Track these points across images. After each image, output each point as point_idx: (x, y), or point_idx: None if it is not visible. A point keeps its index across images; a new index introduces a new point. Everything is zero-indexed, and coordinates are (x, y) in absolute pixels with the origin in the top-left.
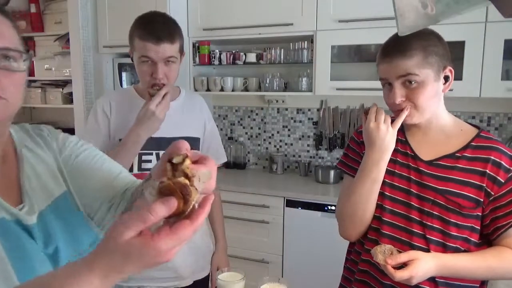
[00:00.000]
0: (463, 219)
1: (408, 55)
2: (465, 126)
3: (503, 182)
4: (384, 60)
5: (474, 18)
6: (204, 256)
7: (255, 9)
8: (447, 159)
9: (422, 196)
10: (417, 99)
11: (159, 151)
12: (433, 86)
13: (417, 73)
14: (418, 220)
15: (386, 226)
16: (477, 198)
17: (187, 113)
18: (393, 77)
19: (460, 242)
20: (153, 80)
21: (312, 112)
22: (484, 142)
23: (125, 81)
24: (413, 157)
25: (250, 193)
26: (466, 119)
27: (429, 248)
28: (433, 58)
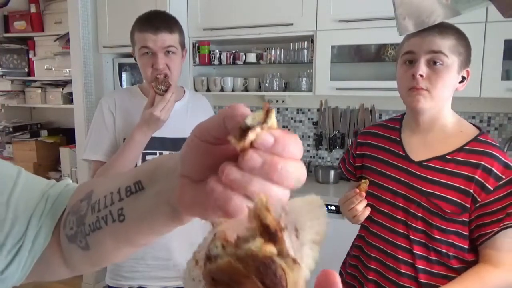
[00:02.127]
0: (447, 223)
1: (444, 34)
2: (466, 127)
3: (492, 189)
4: (417, 34)
5: (474, 18)
6: None
7: (255, 9)
8: (437, 161)
9: (408, 197)
10: (436, 81)
11: (163, 151)
12: (453, 77)
13: (447, 55)
14: (403, 220)
15: (374, 225)
16: (462, 203)
17: (191, 114)
18: (422, 51)
19: (445, 246)
20: (155, 72)
21: (312, 112)
22: (479, 147)
23: (125, 81)
24: (404, 158)
25: None
26: (466, 119)
27: (412, 248)
28: (463, 50)
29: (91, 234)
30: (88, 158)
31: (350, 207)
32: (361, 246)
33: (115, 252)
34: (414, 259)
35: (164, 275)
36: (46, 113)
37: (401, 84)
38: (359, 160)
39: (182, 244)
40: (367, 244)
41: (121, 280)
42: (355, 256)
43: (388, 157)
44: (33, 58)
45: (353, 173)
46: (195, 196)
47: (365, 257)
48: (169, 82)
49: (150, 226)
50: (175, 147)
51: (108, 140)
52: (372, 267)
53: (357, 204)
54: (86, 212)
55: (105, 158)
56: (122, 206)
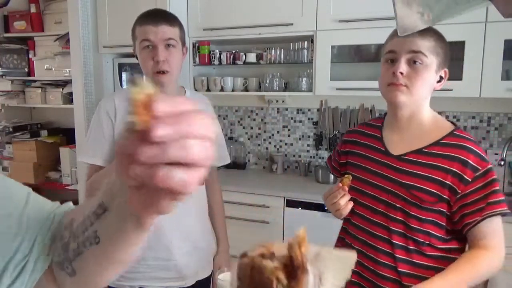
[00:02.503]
0: (424, 213)
1: (424, 36)
2: (443, 123)
3: (470, 180)
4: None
5: (474, 18)
6: (206, 256)
7: (255, 9)
8: (414, 154)
9: (388, 189)
10: (415, 79)
11: None
12: (432, 76)
13: (426, 55)
14: (383, 212)
15: (356, 217)
16: (439, 194)
17: None
18: (403, 51)
19: (422, 235)
20: (155, 66)
21: (312, 112)
22: (454, 140)
23: (125, 81)
24: (384, 153)
25: (250, 193)
26: (466, 119)
27: (391, 238)
28: (441, 51)
29: (75, 259)
30: (84, 161)
31: (333, 201)
32: (343, 238)
33: (101, 273)
34: (393, 249)
35: (165, 276)
36: (46, 113)
37: (382, 81)
38: (343, 157)
39: (183, 245)
40: (349, 236)
41: (122, 281)
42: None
43: (370, 152)
44: (33, 58)
45: (338, 170)
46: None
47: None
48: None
49: (124, 240)
50: None
51: (105, 145)
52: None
53: (340, 198)
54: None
55: (102, 162)
56: (95, 229)
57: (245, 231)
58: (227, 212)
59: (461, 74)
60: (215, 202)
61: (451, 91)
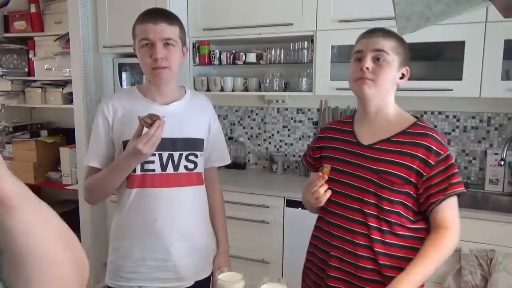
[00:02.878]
0: (394, 195)
1: (387, 37)
2: (406, 115)
3: (434, 164)
4: (365, 36)
5: (474, 18)
6: (205, 257)
7: (255, 9)
8: (384, 143)
9: (361, 176)
10: (379, 74)
11: (162, 151)
12: (394, 72)
13: (388, 53)
14: (358, 197)
15: (332, 204)
16: (407, 177)
17: (192, 114)
18: (368, 49)
19: (394, 216)
20: (153, 63)
21: (312, 112)
22: (419, 129)
23: (125, 81)
24: (356, 144)
25: (250, 193)
26: (466, 119)
27: (367, 221)
28: (402, 50)
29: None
30: (85, 164)
31: (313, 189)
32: (320, 226)
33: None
34: (369, 230)
35: (164, 276)
36: (46, 113)
37: (351, 78)
38: (318, 152)
39: (182, 245)
40: (327, 223)
41: (121, 281)
42: (316, 236)
43: (343, 145)
44: (33, 58)
45: (313, 164)
46: None
47: (326, 235)
48: (157, 116)
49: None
50: (175, 147)
51: (101, 148)
52: (334, 244)
53: (319, 186)
54: None
55: (99, 164)
56: None
57: (245, 231)
58: (227, 212)
59: (461, 74)
60: (216, 203)
61: (451, 91)
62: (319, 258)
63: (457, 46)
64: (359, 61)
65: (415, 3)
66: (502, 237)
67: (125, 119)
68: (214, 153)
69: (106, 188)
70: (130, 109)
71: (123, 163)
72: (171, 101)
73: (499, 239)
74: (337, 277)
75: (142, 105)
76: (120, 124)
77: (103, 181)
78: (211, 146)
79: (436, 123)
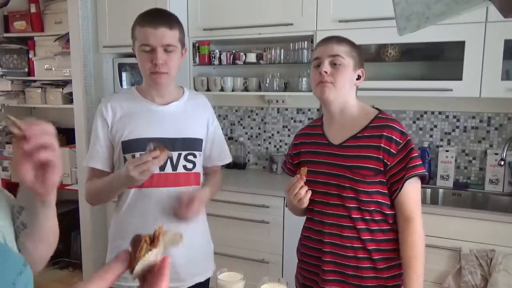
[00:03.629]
0: (369, 186)
1: (340, 43)
2: (369, 110)
3: (395, 153)
4: (322, 44)
5: (474, 18)
6: (204, 258)
7: (255, 9)
8: (351, 140)
9: (336, 174)
10: (337, 76)
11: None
12: (350, 73)
13: (343, 57)
14: (337, 194)
15: (316, 204)
16: (376, 167)
17: (190, 114)
18: (325, 55)
19: (374, 205)
20: (153, 67)
21: (312, 112)
22: (380, 122)
23: (125, 81)
24: (327, 144)
25: (250, 193)
26: (466, 119)
27: (350, 214)
28: (355, 54)
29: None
30: (85, 165)
31: (294, 192)
32: (309, 227)
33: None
34: (354, 222)
35: None
36: (46, 113)
37: (313, 82)
38: (296, 158)
39: (181, 245)
40: (315, 222)
41: (120, 281)
42: (306, 236)
43: (316, 147)
44: (33, 58)
45: (292, 170)
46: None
47: (317, 234)
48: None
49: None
50: (174, 147)
51: (101, 149)
52: (326, 240)
53: (300, 188)
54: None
55: (100, 165)
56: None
57: (245, 231)
58: (227, 212)
59: (461, 74)
60: (214, 176)
61: (451, 91)
62: (312, 256)
63: (457, 46)
64: (317, 67)
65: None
66: (502, 237)
67: (124, 119)
68: (214, 152)
69: (104, 198)
70: (129, 110)
71: (117, 180)
72: (170, 101)
73: (499, 239)
74: (332, 270)
75: (141, 106)
76: (119, 125)
77: (101, 191)
78: (210, 145)
79: (436, 123)
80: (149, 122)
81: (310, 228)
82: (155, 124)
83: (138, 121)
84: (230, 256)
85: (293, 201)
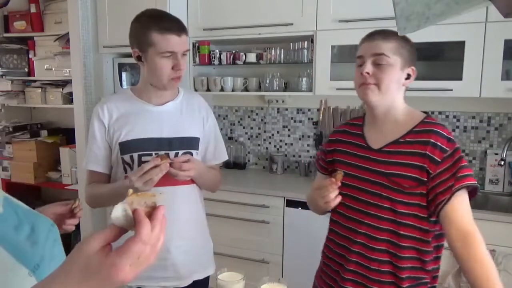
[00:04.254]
0: (408, 197)
1: (387, 39)
2: (416, 114)
3: (440, 161)
4: (366, 40)
5: (474, 18)
6: (204, 256)
7: (255, 9)
8: (392, 145)
9: (372, 180)
10: (382, 78)
11: (159, 151)
12: (398, 73)
13: (389, 56)
14: (372, 202)
15: (345, 208)
16: (418, 178)
17: (186, 113)
18: (368, 54)
19: (411, 218)
20: (173, 73)
21: (312, 112)
22: (425, 127)
23: (125, 81)
24: (365, 148)
25: (250, 193)
26: (466, 119)
27: (382, 225)
28: (404, 51)
29: None
30: (84, 168)
31: (324, 193)
32: (336, 231)
33: None
34: (385, 234)
35: (163, 275)
36: (46, 113)
37: (355, 83)
38: (329, 156)
39: (181, 244)
40: (341, 226)
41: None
42: (331, 240)
43: (353, 149)
44: (33, 58)
45: (325, 167)
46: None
47: (343, 240)
48: (167, 158)
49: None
50: (171, 146)
51: (99, 151)
52: (352, 249)
53: (331, 192)
54: None
55: (98, 168)
56: None
57: (245, 231)
58: (227, 212)
59: (461, 74)
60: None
61: (451, 91)
62: (335, 262)
63: (457, 46)
64: (360, 66)
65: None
66: (502, 237)
67: (121, 121)
68: (209, 150)
69: (105, 203)
70: (126, 111)
71: (122, 190)
72: (166, 101)
73: (499, 239)
74: (351, 279)
75: (137, 107)
76: (116, 127)
77: (104, 198)
78: (206, 144)
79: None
80: (146, 122)
81: (336, 232)
82: (152, 124)
83: (135, 122)
84: (230, 256)
85: (319, 201)
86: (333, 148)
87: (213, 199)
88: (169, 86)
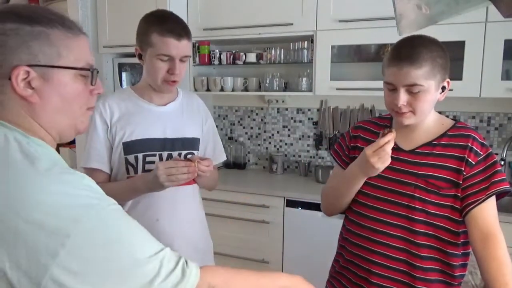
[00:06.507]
0: (442, 199)
1: (417, 65)
2: (446, 120)
3: (474, 164)
4: (393, 65)
5: (474, 18)
6: (205, 256)
7: (255, 9)
8: (425, 146)
9: (404, 181)
10: (417, 106)
11: (162, 152)
12: (433, 95)
13: (423, 84)
14: (404, 203)
15: (371, 210)
16: (454, 180)
17: (186, 114)
18: (399, 84)
19: (444, 220)
20: (168, 76)
21: (312, 112)
22: (460, 131)
23: (125, 81)
24: (396, 149)
25: (250, 193)
26: (466, 119)
27: (413, 227)
28: (437, 71)
29: None
30: (81, 166)
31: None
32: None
33: None
34: (414, 236)
35: None
36: None
37: (387, 106)
38: (352, 152)
39: (183, 244)
40: (367, 229)
41: None
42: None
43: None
44: None
45: (348, 162)
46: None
47: (367, 242)
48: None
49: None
50: (173, 147)
51: (102, 148)
52: (377, 250)
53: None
54: None
55: (101, 166)
56: None
57: (245, 231)
58: (227, 212)
59: (461, 74)
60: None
61: (451, 91)
62: (357, 265)
63: (457, 46)
64: (391, 91)
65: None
66: None
67: (123, 120)
68: (208, 151)
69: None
70: (128, 110)
71: (143, 188)
72: (167, 101)
73: None
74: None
75: (139, 106)
76: (118, 126)
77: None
78: (205, 144)
79: None
80: (149, 122)
81: (360, 236)
82: (156, 124)
83: (139, 122)
84: (230, 256)
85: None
86: (356, 145)
87: (213, 199)
88: (163, 88)
